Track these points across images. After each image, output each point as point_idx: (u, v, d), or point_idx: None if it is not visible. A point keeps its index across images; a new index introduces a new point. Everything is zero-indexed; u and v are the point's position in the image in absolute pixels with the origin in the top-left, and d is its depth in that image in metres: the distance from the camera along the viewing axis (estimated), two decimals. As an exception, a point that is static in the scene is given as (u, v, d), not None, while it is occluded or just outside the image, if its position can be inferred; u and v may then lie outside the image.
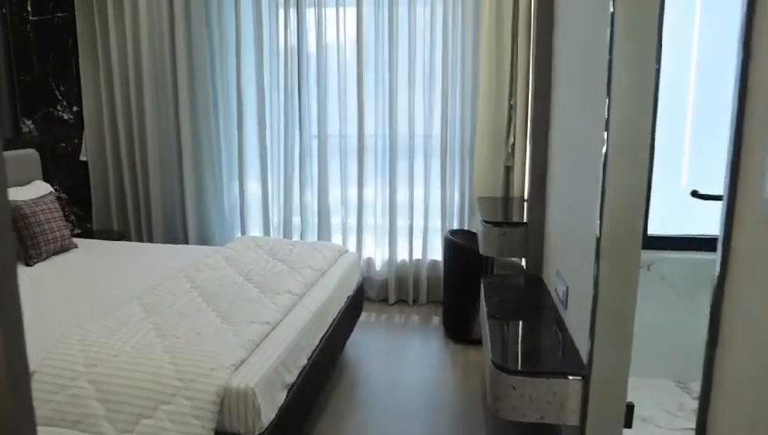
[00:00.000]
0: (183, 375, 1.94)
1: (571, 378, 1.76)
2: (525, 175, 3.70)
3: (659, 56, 1.99)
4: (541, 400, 1.78)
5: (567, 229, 2.25)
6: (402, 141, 4.13)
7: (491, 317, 2.37)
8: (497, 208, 3.53)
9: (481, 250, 3.05)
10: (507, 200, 3.79)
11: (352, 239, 4.32)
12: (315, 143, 4.25)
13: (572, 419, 1.74)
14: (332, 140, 4.25)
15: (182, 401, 1.88)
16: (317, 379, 2.61)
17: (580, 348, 1.89)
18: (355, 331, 3.41)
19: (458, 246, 3.60)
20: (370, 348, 3.59)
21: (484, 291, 2.71)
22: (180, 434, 1.85)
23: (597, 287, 1.68)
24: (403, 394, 3.01)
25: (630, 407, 1.66)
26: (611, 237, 1.64)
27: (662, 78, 2.19)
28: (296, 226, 4.40)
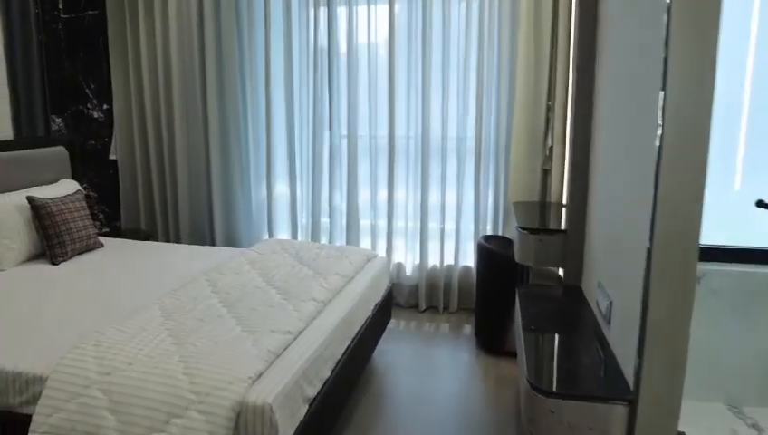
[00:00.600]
0: (197, 388, 1.83)
1: (616, 403, 1.61)
2: (564, 179, 3.54)
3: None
4: (581, 426, 1.63)
5: (611, 238, 2.09)
6: (435, 142, 3.99)
7: (526, 329, 2.23)
8: (534, 214, 3.37)
9: (517, 258, 2.90)
10: (544, 206, 3.62)
11: (382, 243, 4.20)
12: (345, 144, 4.14)
13: (617, 449, 1.59)
14: (362, 141, 4.13)
15: (195, 416, 1.77)
16: (341, 392, 2.48)
17: (624, 369, 1.74)
18: (383, 339, 3.28)
19: (492, 253, 3.44)
20: (398, 357, 3.45)
21: (519, 301, 2.57)
22: (193, 450, 1.74)
23: (647, 303, 1.52)
24: (431, 408, 2.87)
25: (683, 437, 1.51)
26: (665, 248, 1.48)
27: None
28: (324, 228, 4.29)
